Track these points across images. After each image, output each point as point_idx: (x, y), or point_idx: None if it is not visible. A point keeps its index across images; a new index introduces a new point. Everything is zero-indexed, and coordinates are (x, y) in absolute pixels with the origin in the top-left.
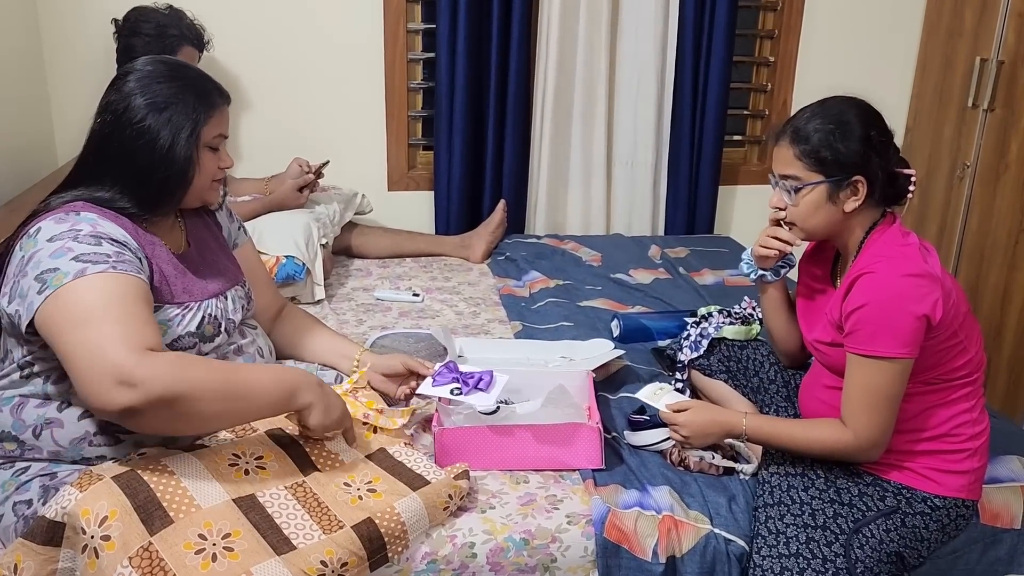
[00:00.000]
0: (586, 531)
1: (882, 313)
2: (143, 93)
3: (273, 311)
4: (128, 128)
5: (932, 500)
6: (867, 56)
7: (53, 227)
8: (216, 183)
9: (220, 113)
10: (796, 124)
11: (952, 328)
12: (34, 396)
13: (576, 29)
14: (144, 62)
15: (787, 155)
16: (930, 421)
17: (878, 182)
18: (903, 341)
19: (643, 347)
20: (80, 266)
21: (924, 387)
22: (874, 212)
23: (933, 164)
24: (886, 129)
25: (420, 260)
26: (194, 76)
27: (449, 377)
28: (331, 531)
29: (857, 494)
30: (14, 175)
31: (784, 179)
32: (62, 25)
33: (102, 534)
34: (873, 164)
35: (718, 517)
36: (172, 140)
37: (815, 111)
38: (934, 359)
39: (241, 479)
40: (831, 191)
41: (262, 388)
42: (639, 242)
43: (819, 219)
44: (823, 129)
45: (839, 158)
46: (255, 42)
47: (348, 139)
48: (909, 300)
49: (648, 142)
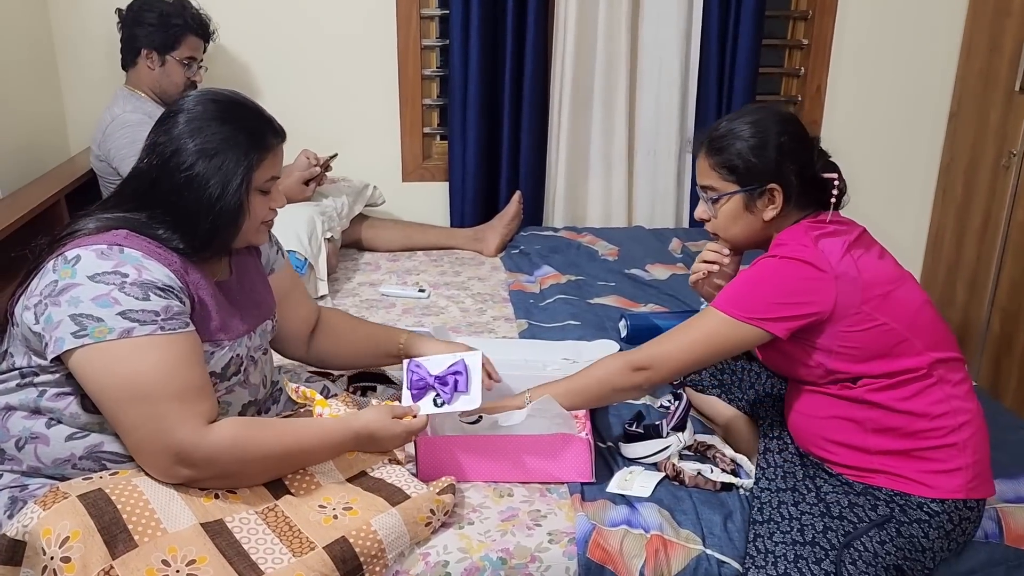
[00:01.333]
0: (568, 550)
1: (748, 282)
2: (192, 137)
3: (312, 324)
4: (176, 174)
5: (928, 505)
6: (908, 38)
7: (95, 263)
8: (264, 224)
9: (274, 155)
10: (712, 135)
11: (861, 312)
12: (23, 407)
13: (595, 11)
14: (195, 100)
15: (704, 166)
16: (902, 419)
17: (793, 188)
18: (753, 308)
19: None
20: (127, 325)
21: (880, 383)
22: (796, 217)
23: (978, 152)
24: (801, 135)
25: (431, 254)
26: (247, 116)
27: (424, 384)
28: (302, 553)
29: (847, 505)
30: (27, 164)
31: (704, 190)
32: (72, 15)
33: (62, 555)
34: (787, 170)
35: (711, 537)
36: (222, 189)
37: (730, 120)
38: (854, 344)
39: (210, 503)
40: (747, 200)
41: (314, 451)
42: (660, 235)
43: (739, 228)
44: (738, 138)
45: (750, 167)
46: (264, 30)
47: (361, 129)
48: (779, 279)
49: (671, 130)
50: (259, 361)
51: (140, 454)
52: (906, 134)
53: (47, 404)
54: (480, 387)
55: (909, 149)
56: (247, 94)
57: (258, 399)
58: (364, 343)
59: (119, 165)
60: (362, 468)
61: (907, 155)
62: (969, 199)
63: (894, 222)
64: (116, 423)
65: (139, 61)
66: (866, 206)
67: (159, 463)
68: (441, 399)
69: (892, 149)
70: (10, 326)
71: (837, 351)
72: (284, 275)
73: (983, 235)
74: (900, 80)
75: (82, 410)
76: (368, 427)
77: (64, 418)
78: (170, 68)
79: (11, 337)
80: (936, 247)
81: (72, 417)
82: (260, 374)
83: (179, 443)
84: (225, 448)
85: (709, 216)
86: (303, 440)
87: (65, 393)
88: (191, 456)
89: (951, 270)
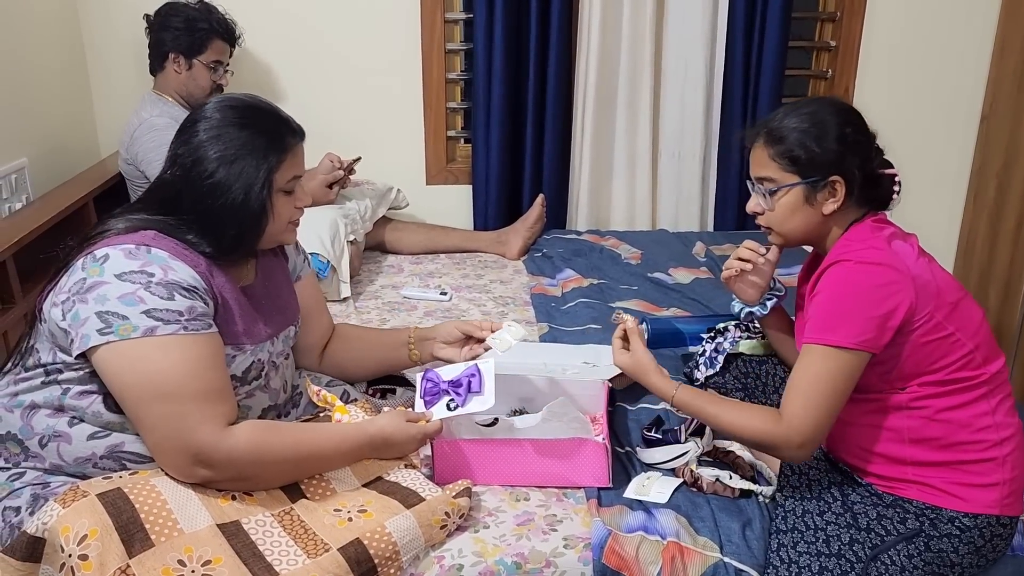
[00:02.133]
0: (583, 556)
1: (835, 301)
2: (212, 144)
3: (328, 336)
4: (199, 183)
5: (960, 519)
6: (939, 38)
7: (123, 262)
8: (291, 224)
9: (293, 154)
10: (771, 124)
11: (935, 319)
12: (47, 404)
13: (619, 13)
14: (213, 107)
15: (762, 156)
16: (944, 428)
17: (856, 182)
18: (854, 331)
19: (673, 352)
20: (151, 323)
21: (928, 391)
22: (855, 214)
23: (1011, 155)
24: (864, 127)
25: (454, 256)
26: (264, 118)
27: (437, 390)
28: (316, 555)
29: (875, 517)
30: (58, 167)
31: (760, 181)
32: (102, 21)
33: (80, 553)
34: (849, 163)
35: (729, 544)
36: (245, 194)
37: (789, 111)
38: (920, 354)
39: (227, 504)
40: (808, 192)
41: (331, 455)
42: (684, 239)
43: (797, 222)
44: (798, 128)
45: (814, 158)
46: (290, 34)
47: (385, 132)
48: (864, 289)
49: (696, 132)
50: (280, 366)
51: (160, 453)
52: (937, 137)
53: (70, 402)
54: (494, 388)
55: (940, 152)
56: (272, 97)
57: (278, 404)
58: (375, 347)
59: (146, 168)
60: (378, 473)
61: (938, 158)
62: (1002, 202)
63: (925, 226)
64: (137, 422)
65: (166, 65)
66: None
67: (178, 463)
68: (455, 403)
69: (923, 152)
70: (38, 322)
71: (904, 360)
72: (309, 284)
73: (1016, 239)
74: (931, 81)
75: (104, 409)
76: (383, 431)
77: (87, 417)
78: (196, 72)
79: (38, 333)
80: (968, 251)
81: (95, 416)
82: (281, 379)
83: (198, 443)
84: (243, 450)
85: (764, 209)
86: (320, 444)
87: (88, 391)
88: (210, 457)
89: (984, 274)
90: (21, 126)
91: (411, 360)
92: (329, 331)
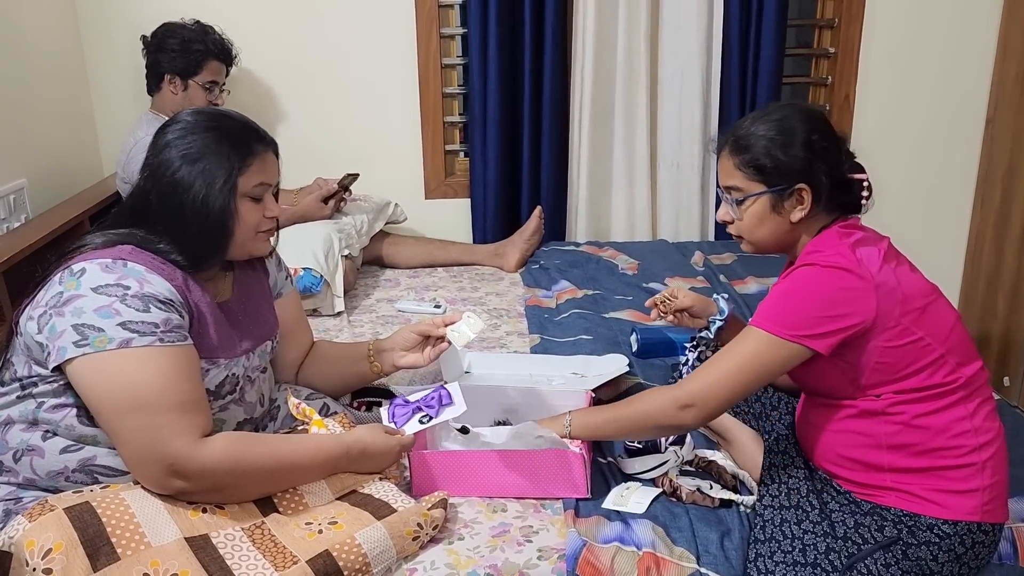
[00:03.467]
0: (557, 567)
1: (789, 295)
2: (177, 145)
3: (306, 353)
4: (162, 181)
5: (940, 526)
6: (940, 42)
7: (99, 275)
8: (262, 234)
9: (261, 160)
10: (737, 132)
11: (902, 325)
12: (21, 419)
13: (614, 24)
14: (185, 113)
15: (728, 166)
16: (921, 434)
17: (824, 189)
18: (797, 324)
19: (663, 362)
20: (126, 335)
21: (902, 396)
22: (824, 220)
23: (1016, 158)
24: (831, 133)
25: (452, 270)
26: (232, 124)
27: (409, 409)
28: (285, 568)
29: (853, 526)
30: (59, 187)
31: (727, 191)
32: (104, 41)
33: (44, 567)
34: (817, 170)
35: (707, 555)
36: (206, 191)
37: (755, 118)
38: (891, 360)
39: (197, 518)
40: (774, 201)
41: (307, 466)
42: (683, 248)
43: (765, 231)
44: (764, 136)
45: (779, 166)
46: (288, 52)
47: (384, 147)
48: (820, 290)
49: (694, 142)
50: (256, 380)
51: (135, 465)
52: (941, 142)
53: (45, 416)
54: (463, 400)
55: (944, 157)
56: (271, 114)
57: (254, 417)
58: (338, 362)
59: None
60: (353, 487)
61: (942, 163)
62: (1008, 207)
63: (932, 232)
64: (112, 434)
65: (163, 86)
66: (902, 217)
67: (153, 474)
68: (428, 416)
69: (927, 158)
70: (14, 336)
71: (873, 366)
72: (291, 302)
73: (1023, 243)
74: (933, 86)
75: (78, 422)
76: (361, 441)
77: (60, 430)
78: (192, 92)
79: (14, 348)
80: (976, 257)
81: (68, 429)
82: (257, 393)
83: (173, 455)
84: (218, 461)
85: (733, 218)
86: (296, 455)
87: (62, 405)
88: (184, 468)
89: (991, 280)
90: (21, 147)
91: (372, 373)
92: (308, 347)
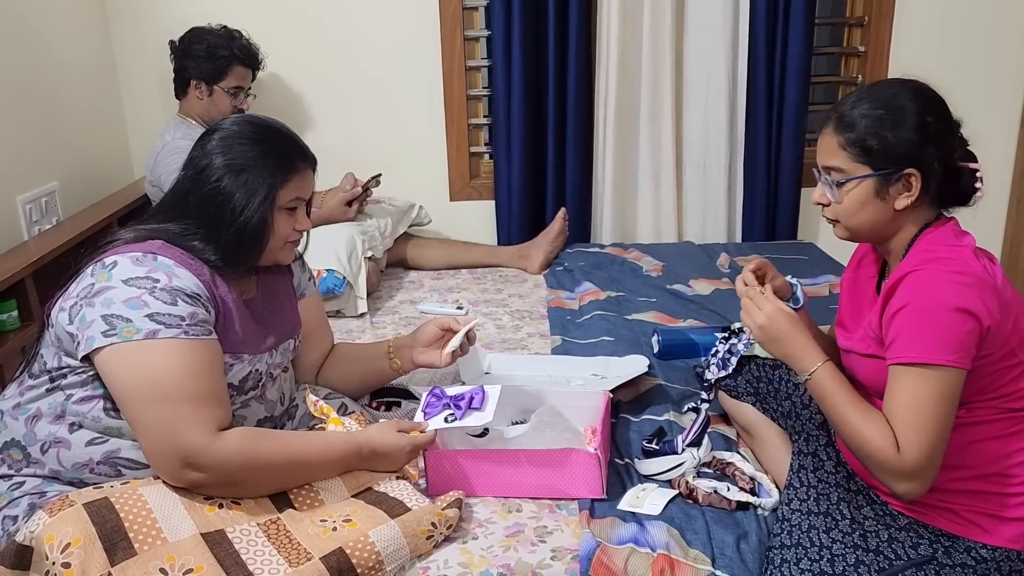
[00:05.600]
0: (571, 568)
1: (925, 314)
2: (224, 153)
3: (327, 354)
4: (205, 186)
5: (978, 550)
6: (972, 41)
7: (130, 268)
8: (290, 244)
9: (300, 177)
10: (842, 109)
11: (1010, 345)
12: (50, 412)
13: (639, 24)
14: (232, 121)
15: (831, 144)
16: (979, 457)
17: (934, 176)
18: (950, 346)
19: (685, 364)
20: (153, 326)
21: (977, 416)
22: (929, 212)
23: None
24: (947, 115)
25: (475, 272)
26: (278, 139)
27: (440, 404)
28: (299, 564)
29: (887, 539)
30: (91, 190)
31: (827, 171)
32: (135, 46)
33: (63, 561)
34: (928, 155)
35: (722, 558)
36: (246, 203)
37: (863, 95)
38: (987, 380)
39: (213, 513)
40: (879, 186)
41: (319, 463)
42: (709, 251)
43: (865, 217)
44: (871, 115)
45: (888, 148)
46: (313, 57)
47: (409, 149)
48: (958, 299)
49: (720, 143)
50: (278, 379)
51: (152, 455)
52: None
53: (72, 407)
54: (495, 409)
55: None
56: (296, 117)
57: (274, 415)
58: (357, 360)
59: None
60: (368, 484)
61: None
62: None
63: None
64: (134, 423)
65: (189, 91)
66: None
67: (168, 465)
68: (453, 416)
69: None
70: (45, 329)
71: (967, 383)
72: (313, 304)
73: None
74: (965, 85)
75: (104, 414)
76: (371, 441)
77: (86, 422)
78: (218, 97)
79: (45, 340)
80: (1013, 259)
81: (94, 421)
82: (278, 391)
83: (189, 446)
84: (232, 454)
85: (830, 200)
86: (308, 452)
87: (90, 397)
88: (199, 460)
89: None
90: (52, 151)
91: (392, 370)
92: (328, 349)
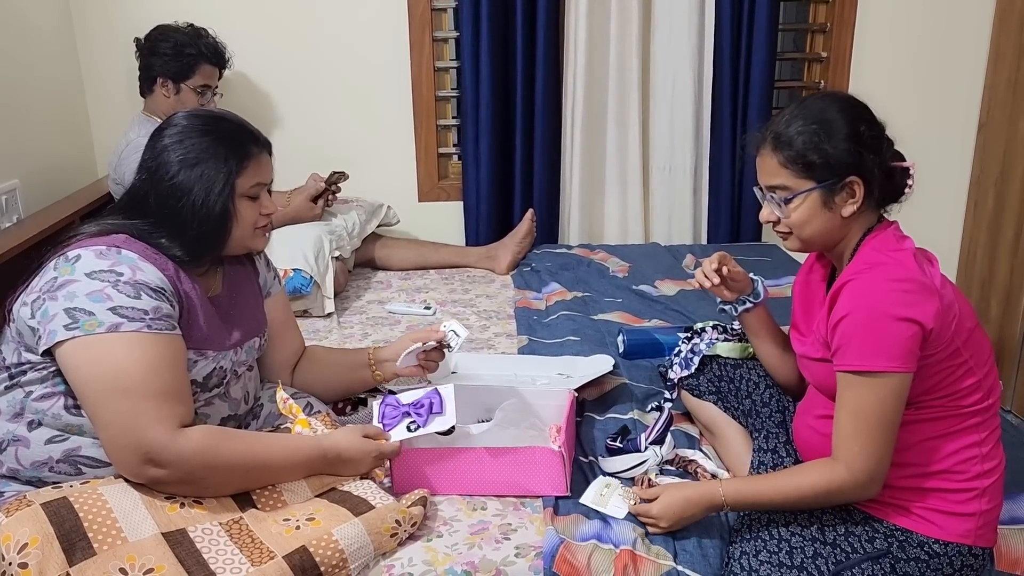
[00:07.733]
0: (534, 564)
1: (868, 322)
2: (175, 149)
3: (299, 355)
4: (162, 184)
5: (930, 545)
6: (931, 48)
7: (93, 261)
8: (260, 230)
9: (256, 162)
10: (776, 128)
11: (954, 345)
12: (9, 409)
13: (606, 29)
14: (180, 116)
15: (771, 164)
16: (931, 455)
17: (875, 180)
18: (894, 352)
19: (649, 363)
20: (116, 320)
21: (924, 414)
22: (872, 215)
23: (1008, 163)
24: (875, 121)
25: (443, 272)
26: (227, 127)
27: (398, 414)
28: (261, 563)
29: (843, 533)
30: (54, 187)
31: (772, 190)
32: (100, 43)
33: (19, 561)
34: (867, 161)
35: (683, 553)
36: (205, 195)
37: (794, 112)
38: (933, 380)
39: (175, 513)
40: (825, 197)
41: (282, 466)
42: (675, 252)
43: (816, 227)
44: (807, 130)
45: (828, 159)
46: (281, 56)
47: (377, 150)
48: (898, 306)
49: (686, 146)
50: (242, 376)
51: (112, 450)
52: (934, 146)
53: (32, 404)
54: (455, 409)
55: (937, 162)
56: (264, 117)
57: (238, 414)
58: (339, 368)
59: None
60: (332, 484)
61: (936, 168)
62: (1001, 212)
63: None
64: (94, 418)
65: (155, 89)
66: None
67: (129, 461)
68: (416, 424)
69: (919, 162)
70: (6, 324)
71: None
72: (279, 302)
73: (1016, 249)
74: (925, 91)
75: (64, 411)
76: (337, 445)
77: (46, 419)
78: (184, 96)
79: (5, 336)
80: (969, 262)
81: (54, 418)
82: (242, 389)
83: (149, 442)
84: (193, 452)
85: (779, 217)
86: (271, 454)
87: (51, 393)
88: (159, 456)
89: (984, 285)
90: (13, 147)
91: (375, 380)
92: (300, 349)
